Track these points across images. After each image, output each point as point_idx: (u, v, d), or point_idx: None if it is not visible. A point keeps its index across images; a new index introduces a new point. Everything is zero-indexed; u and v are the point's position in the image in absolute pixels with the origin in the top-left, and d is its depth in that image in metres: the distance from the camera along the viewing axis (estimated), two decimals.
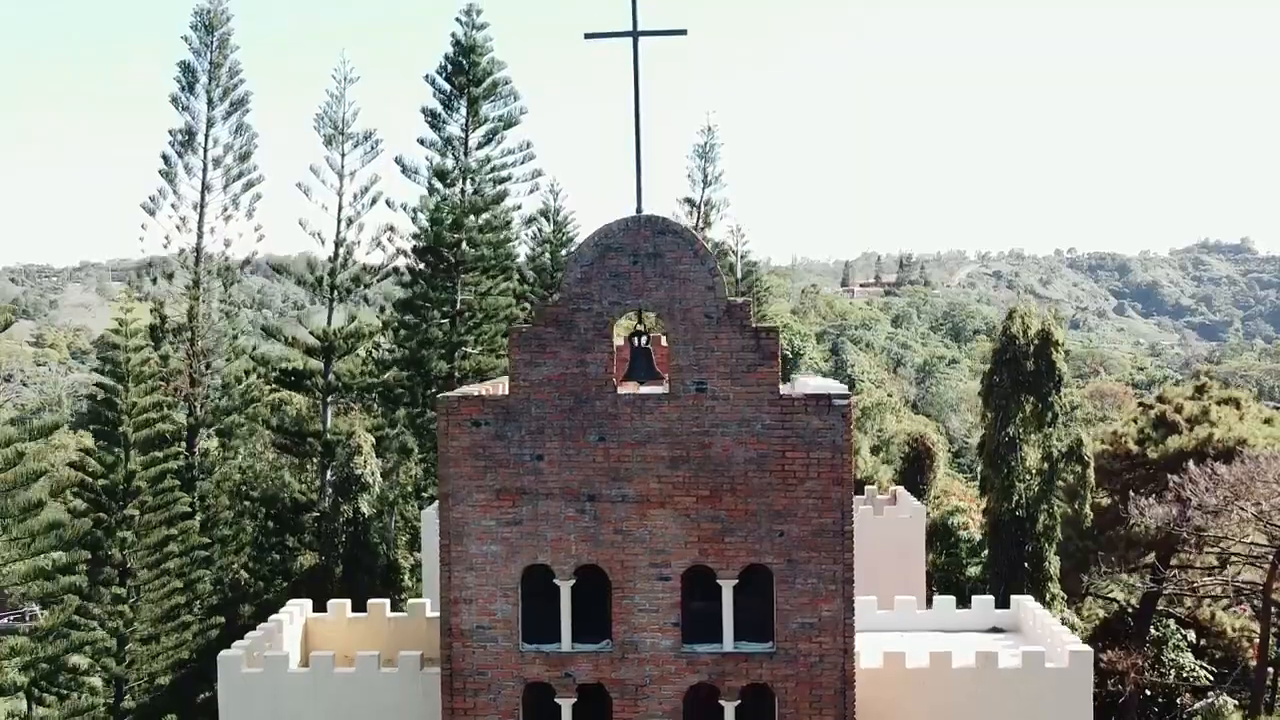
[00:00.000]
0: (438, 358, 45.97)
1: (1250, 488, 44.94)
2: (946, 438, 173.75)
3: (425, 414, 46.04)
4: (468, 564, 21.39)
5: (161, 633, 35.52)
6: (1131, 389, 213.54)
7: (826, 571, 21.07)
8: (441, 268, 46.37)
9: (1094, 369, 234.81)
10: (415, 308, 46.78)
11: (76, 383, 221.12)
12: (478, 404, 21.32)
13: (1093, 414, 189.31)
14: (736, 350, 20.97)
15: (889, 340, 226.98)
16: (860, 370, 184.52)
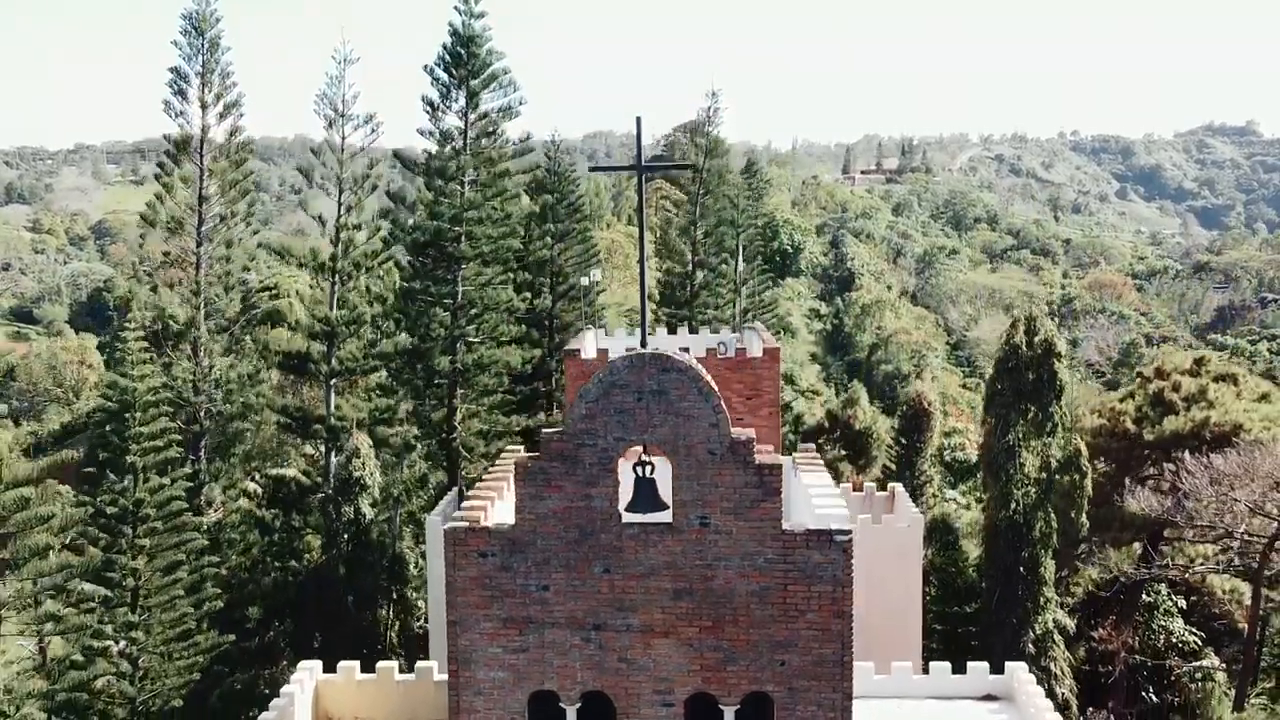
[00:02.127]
0: (439, 352, 46.12)
1: (1244, 479, 45.57)
2: (945, 330, 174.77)
3: (426, 405, 46.41)
4: (475, 689, 21.88)
5: (174, 652, 36.32)
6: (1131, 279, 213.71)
7: (826, 699, 21.57)
8: (441, 261, 46.30)
9: (1094, 259, 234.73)
10: (415, 299, 46.79)
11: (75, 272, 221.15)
12: (484, 536, 21.62)
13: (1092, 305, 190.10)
14: (739, 486, 21.18)
15: (889, 230, 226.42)
16: (860, 263, 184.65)
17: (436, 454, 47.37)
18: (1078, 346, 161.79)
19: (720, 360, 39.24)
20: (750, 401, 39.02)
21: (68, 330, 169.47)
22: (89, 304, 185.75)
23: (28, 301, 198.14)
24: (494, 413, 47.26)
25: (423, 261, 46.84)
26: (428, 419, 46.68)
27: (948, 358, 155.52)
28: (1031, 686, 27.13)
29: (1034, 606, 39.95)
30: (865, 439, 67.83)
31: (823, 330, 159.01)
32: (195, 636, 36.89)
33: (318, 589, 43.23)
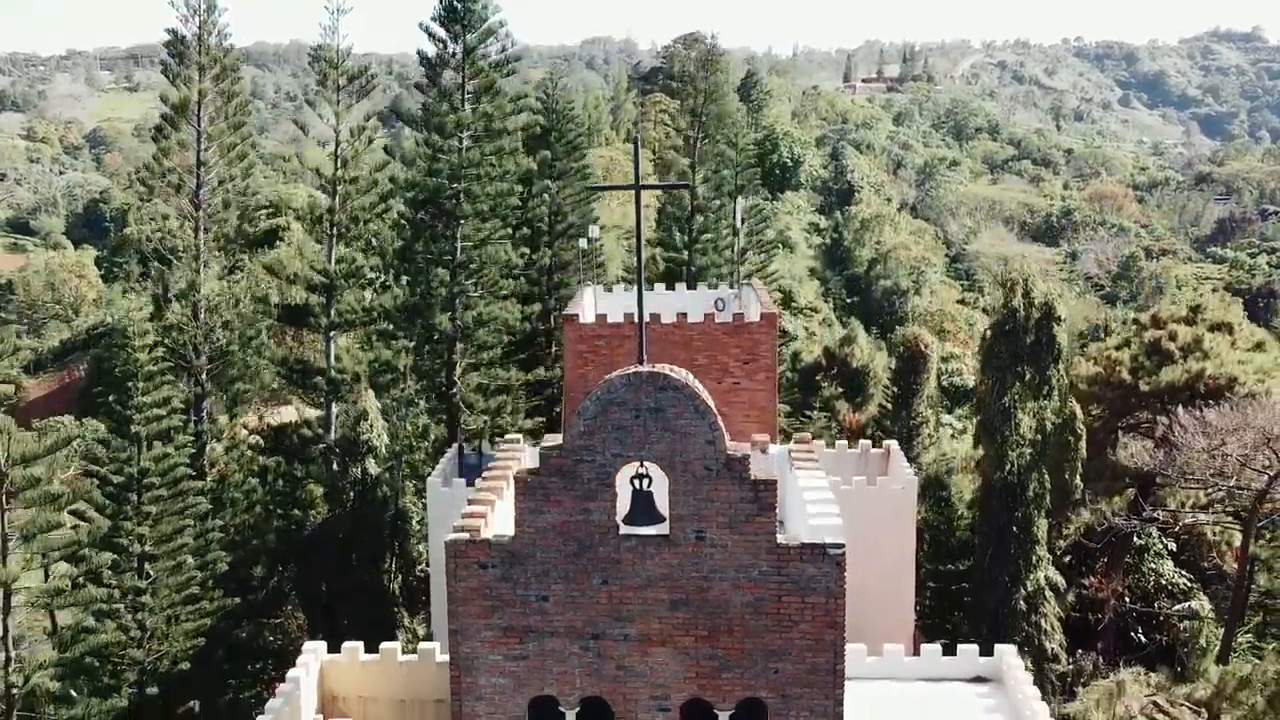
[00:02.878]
0: (439, 309, 46.27)
1: (1236, 434, 46.03)
2: (944, 243, 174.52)
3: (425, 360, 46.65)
4: (477, 695, 22.47)
5: (181, 614, 37.04)
6: (1132, 190, 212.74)
7: (819, 706, 22.17)
8: (440, 217, 46.26)
9: (1095, 170, 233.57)
10: (414, 257, 46.84)
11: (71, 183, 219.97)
12: (484, 548, 22.07)
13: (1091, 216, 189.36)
14: (735, 502, 21.57)
15: (889, 140, 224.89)
16: (860, 176, 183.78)
17: (436, 408, 47.74)
18: (1077, 259, 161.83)
19: (718, 325, 39.53)
20: (747, 365, 39.38)
21: (65, 242, 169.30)
22: (86, 215, 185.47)
23: (24, 213, 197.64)
24: (493, 368, 47.59)
25: (421, 218, 46.83)
26: (427, 373, 47.02)
27: (946, 271, 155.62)
28: (1020, 671, 27.79)
29: (1026, 565, 40.63)
30: (862, 377, 68.31)
31: (822, 245, 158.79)
32: (201, 600, 37.57)
33: (322, 545, 43.92)
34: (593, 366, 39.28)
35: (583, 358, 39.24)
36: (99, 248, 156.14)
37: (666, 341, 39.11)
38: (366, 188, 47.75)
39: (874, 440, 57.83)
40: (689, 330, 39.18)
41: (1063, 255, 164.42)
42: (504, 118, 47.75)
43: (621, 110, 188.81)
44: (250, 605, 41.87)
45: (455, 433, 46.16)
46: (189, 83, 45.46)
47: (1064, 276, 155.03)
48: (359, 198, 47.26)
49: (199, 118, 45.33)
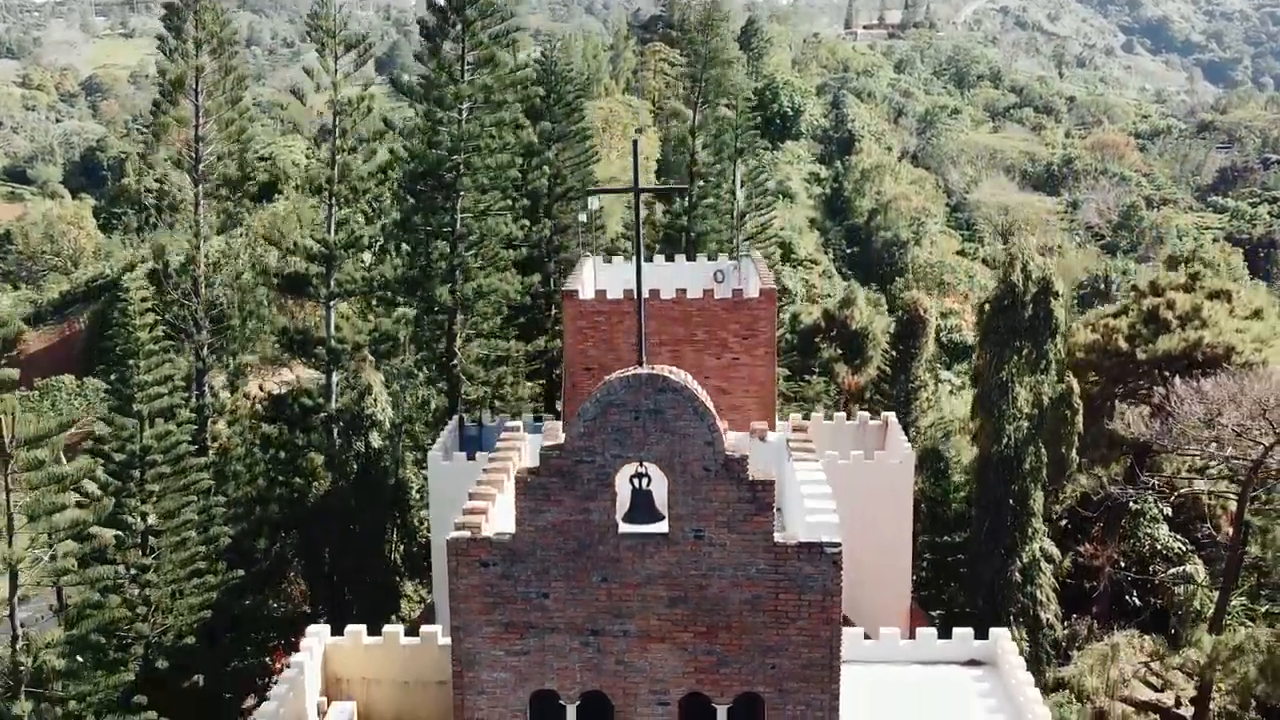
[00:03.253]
0: (439, 281, 46.34)
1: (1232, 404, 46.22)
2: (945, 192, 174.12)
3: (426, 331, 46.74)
4: (479, 689, 22.84)
5: (185, 589, 37.44)
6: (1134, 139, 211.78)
7: (815, 700, 22.55)
8: (439, 190, 46.21)
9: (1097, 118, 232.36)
10: (413, 230, 46.83)
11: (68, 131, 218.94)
12: (485, 546, 22.35)
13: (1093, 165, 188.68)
14: (733, 501, 21.83)
15: (891, 89, 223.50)
16: (860, 125, 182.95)
17: (436, 378, 47.93)
18: (1078, 209, 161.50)
19: (717, 301, 39.62)
20: (746, 341, 39.50)
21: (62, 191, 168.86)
22: (83, 163, 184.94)
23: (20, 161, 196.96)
24: (493, 339, 47.74)
25: (420, 190, 46.78)
26: (427, 344, 47.16)
27: (947, 220, 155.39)
28: (1014, 655, 28.19)
29: (1021, 537, 41.02)
30: (861, 340, 68.47)
31: (822, 195, 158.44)
32: (205, 575, 37.96)
33: (324, 516, 44.28)
34: (592, 343, 39.45)
35: (583, 334, 39.36)
36: (97, 196, 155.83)
37: (666, 317, 39.24)
38: (365, 158, 47.68)
39: (872, 408, 58.14)
40: (688, 306, 39.26)
41: (1063, 204, 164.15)
42: (504, 89, 47.56)
43: (621, 59, 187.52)
44: (254, 576, 42.26)
45: (456, 404, 46.42)
46: (186, 57, 45.30)
47: (1064, 226, 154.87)
48: (358, 167, 47.18)
49: (197, 93, 45.21)
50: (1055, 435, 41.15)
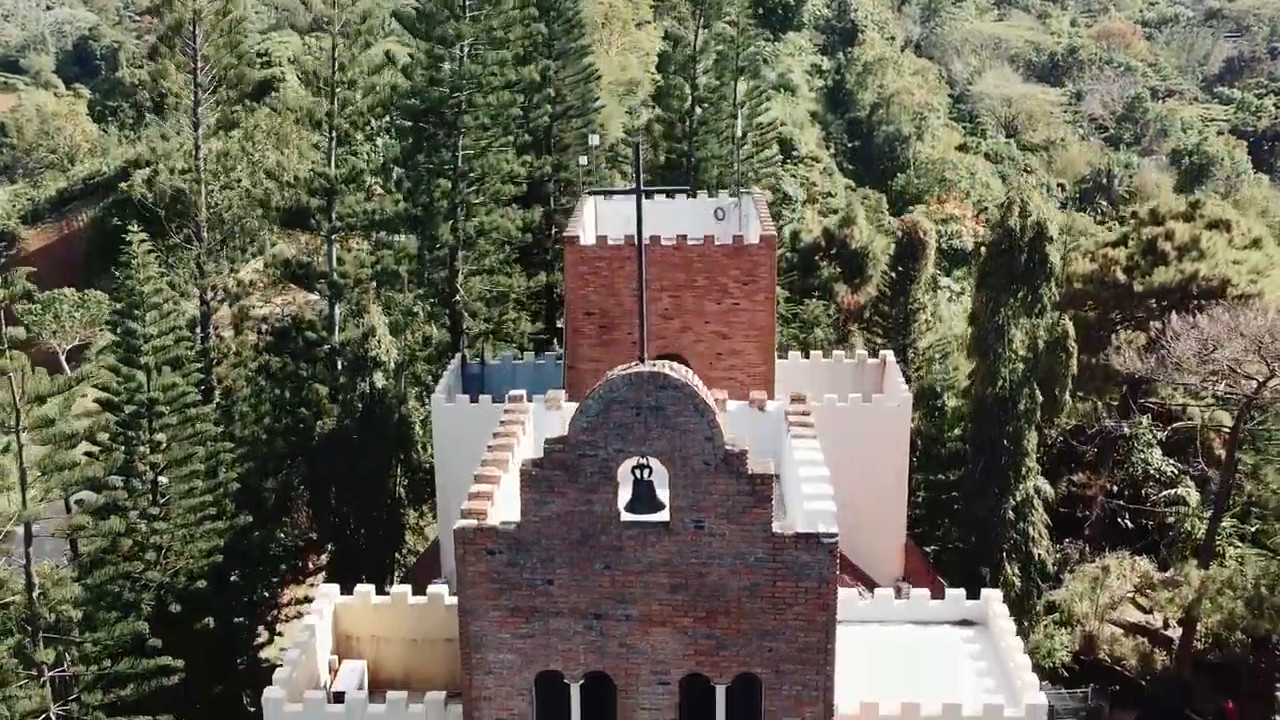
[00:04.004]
0: (441, 219, 46.39)
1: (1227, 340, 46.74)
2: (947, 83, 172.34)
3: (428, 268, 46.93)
4: (486, 669, 23.66)
5: (195, 534, 38.26)
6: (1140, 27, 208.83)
7: (811, 681, 23.39)
8: (441, 127, 46.00)
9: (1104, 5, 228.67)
10: (415, 168, 46.73)
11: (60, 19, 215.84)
12: (491, 535, 22.99)
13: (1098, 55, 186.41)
14: (733, 494, 22.42)
15: None
16: (863, 14, 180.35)
17: (438, 313, 48.25)
18: (1081, 100, 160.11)
19: (718, 247, 39.85)
20: (747, 287, 39.86)
21: (56, 81, 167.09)
22: (75, 53, 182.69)
23: (13, 51, 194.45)
24: (495, 275, 47.96)
25: (421, 128, 46.62)
26: (430, 280, 47.40)
27: (949, 113, 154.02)
28: (1005, 620, 28.96)
29: (1015, 476, 41.73)
30: (861, 259, 68.69)
31: (823, 88, 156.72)
32: (215, 521, 38.76)
33: (330, 452, 44.97)
34: (594, 288, 39.79)
35: (584, 279, 39.69)
36: (91, 88, 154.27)
37: (666, 263, 39.55)
38: (365, 91, 47.47)
39: (870, 329, 58.66)
40: (689, 252, 39.53)
41: (1067, 96, 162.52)
42: (506, 27, 47.08)
43: None
44: (261, 512, 43.08)
45: (458, 340, 46.82)
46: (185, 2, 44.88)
47: (1068, 119, 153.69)
48: (358, 102, 47.01)
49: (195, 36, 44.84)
50: (1049, 377, 41.65)
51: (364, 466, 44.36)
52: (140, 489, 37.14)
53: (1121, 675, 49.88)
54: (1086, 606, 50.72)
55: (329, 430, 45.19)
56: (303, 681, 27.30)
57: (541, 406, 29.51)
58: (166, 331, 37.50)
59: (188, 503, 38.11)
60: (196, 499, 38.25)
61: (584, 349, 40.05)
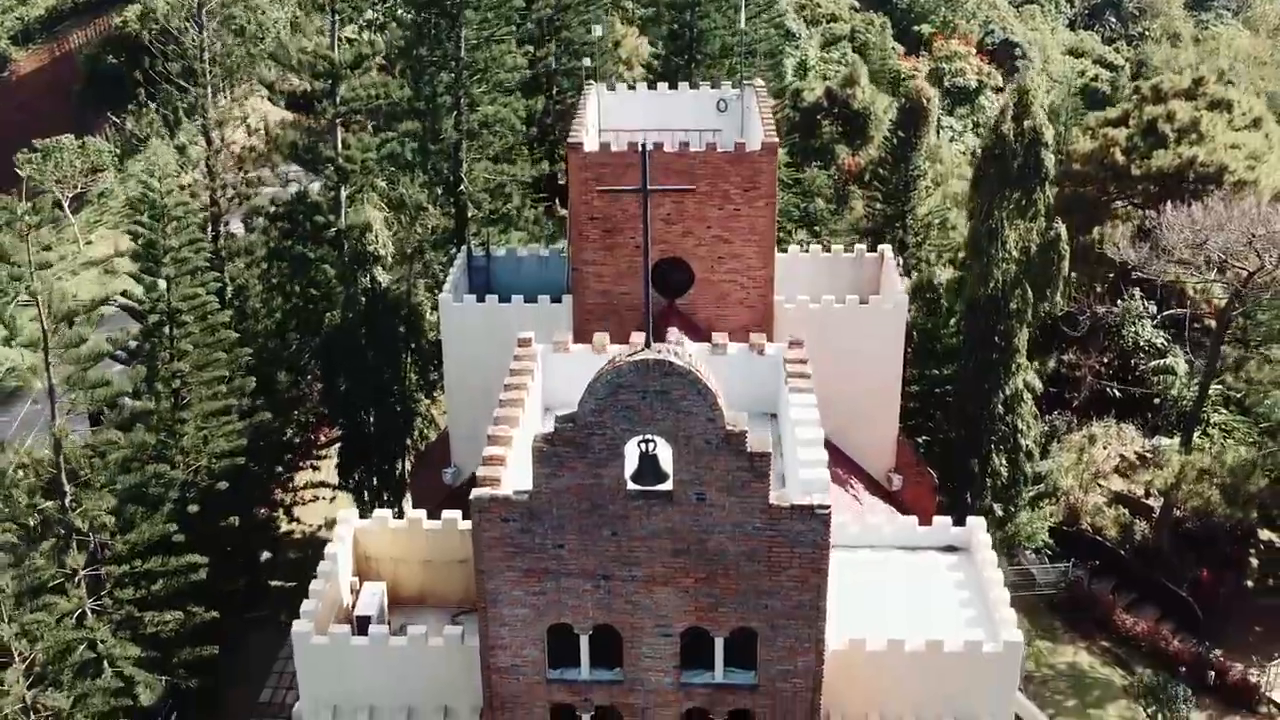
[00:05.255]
0: (444, 112, 46.48)
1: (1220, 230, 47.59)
2: None
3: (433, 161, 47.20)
4: (501, 621, 25.44)
5: (217, 435, 39.83)
6: None
7: (803, 633, 25.20)
8: (443, 18, 45.66)
9: None
10: (417, 60, 46.56)
11: None
12: (505, 504, 24.46)
13: None
14: (733, 470, 23.80)
15: None
16: None
17: (444, 202, 48.77)
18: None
19: (720, 154, 40.32)
20: (748, 194, 40.52)
21: None
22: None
23: None
24: (499, 163, 48.31)
25: (424, 18, 46.33)
26: (435, 173, 47.78)
27: None
28: (987, 549, 30.69)
29: (1005, 372, 43.05)
30: (863, 119, 68.71)
31: None
32: (236, 422, 40.29)
33: (339, 345, 46.16)
34: (596, 194, 40.43)
35: (587, 185, 40.28)
36: None
37: (669, 170, 40.03)
38: None
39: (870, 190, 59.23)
40: (691, 159, 40.01)
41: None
42: None
43: None
44: (274, 403, 44.55)
45: (464, 231, 47.53)
46: None
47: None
48: None
49: None
50: (1042, 277, 42.66)
51: (372, 357, 45.59)
52: (164, 394, 38.56)
53: (1102, 546, 52.10)
54: (1071, 480, 52.79)
55: (338, 323, 46.28)
56: (328, 610, 29.16)
57: (548, 347, 30.68)
58: (187, 243, 38.34)
59: (209, 406, 39.57)
60: (219, 403, 39.70)
61: (587, 253, 40.94)
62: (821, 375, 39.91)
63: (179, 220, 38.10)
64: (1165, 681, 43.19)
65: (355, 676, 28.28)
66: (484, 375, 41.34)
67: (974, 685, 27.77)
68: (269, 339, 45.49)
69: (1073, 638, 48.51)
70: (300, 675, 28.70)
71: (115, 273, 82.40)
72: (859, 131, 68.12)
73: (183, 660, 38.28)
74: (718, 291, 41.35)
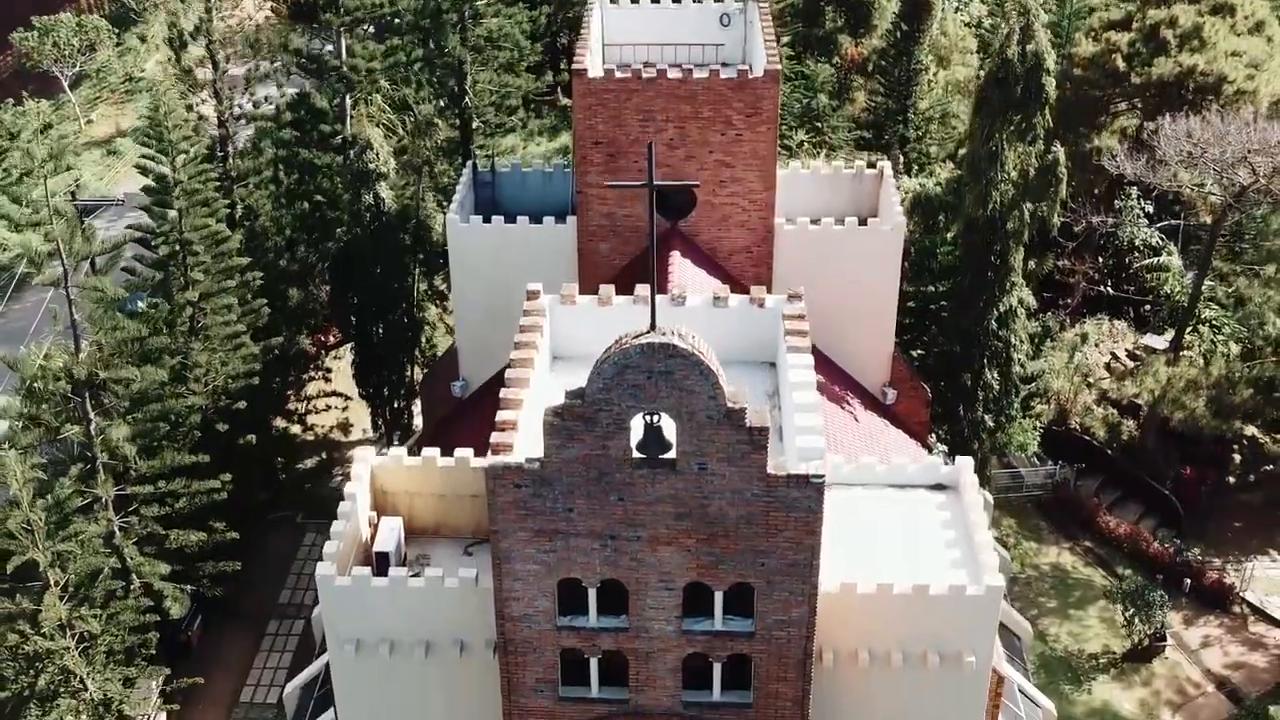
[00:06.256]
0: (450, 29, 46.45)
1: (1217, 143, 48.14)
2: None
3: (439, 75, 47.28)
4: (514, 576, 27.07)
5: (231, 359, 41.08)
6: None
7: (797, 588, 26.86)
8: None
9: None
10: None
11: None
12: (518, 472, 25.87)
13: None
14: (733, 443, 25.15)
15: None
16: None
17: (449, 115, 49.08)
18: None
19: (723, 80, 40.77)
20: (750, 119, 41.16)
21: None
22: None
23: None
24: (504, 74, 48.48)
25: None
26: (440, 85, 47.95)
27: None
28: (974, 490, 32.18)
29: (1000, 290, 44.06)
30: (867, 7, 68.29)
31: None
32: (250, 345, 41.51)
33: (347, 261, 47.06)
34: (601, 119, 41.06)
35: (592, 111, 40.89)
36: None
37: (672, 96, 40.68)
38: None
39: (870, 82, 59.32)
40: (694, 86, 40.54)
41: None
42: None
43: None
44: (288, 318, 45.68)
45: (469, 145, 47.99)
46: None
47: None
48: None
49: None
50: (1039, 201, 43.39)
51: (380, 271, 46.51)
52: (180, 324, 39.71)
53: (1089, 446, 53.59)
54: (1063, 382, 54.19)
55: (345, 238, 47.11)
56: (349, 548, 30.74)
57: (555, 299, 31.73)
58: (196, 175, 39.05)
59: (224, 331, 40.75)
60: (232, 328, 40.89)
61: (591, 176, 41.70)
62: (820, 293, 41.56)
63: (187, 154, 38.77)
64: (1143, 587, 45.16)
65: (376, 614, 29.97)
66: (491, 293, 42.72)
67: (957, 624, 29.52)
68: (279, 256, 46.36)
69: (1057, 538, 50.46)
70: (325, 613, 30.46)
71: (119, 153, 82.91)
72: (862, 20, 67.70)
73: (206, 573, 40.18)
74: (719, 214, 42.22)
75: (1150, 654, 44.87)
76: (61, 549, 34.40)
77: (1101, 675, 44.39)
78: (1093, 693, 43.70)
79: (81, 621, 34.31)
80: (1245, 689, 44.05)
